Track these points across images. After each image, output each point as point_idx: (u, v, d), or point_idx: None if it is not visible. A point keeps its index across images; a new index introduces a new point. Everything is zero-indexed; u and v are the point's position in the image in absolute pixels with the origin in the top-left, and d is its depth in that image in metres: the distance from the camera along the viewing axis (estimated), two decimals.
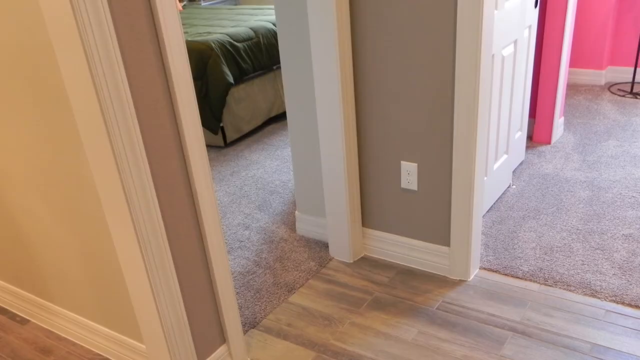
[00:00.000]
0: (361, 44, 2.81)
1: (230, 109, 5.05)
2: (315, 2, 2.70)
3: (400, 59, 2.73)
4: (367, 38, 2.78)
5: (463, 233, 2.90)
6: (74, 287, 2.63)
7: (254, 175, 4.53)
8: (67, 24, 1.68)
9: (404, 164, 2.95)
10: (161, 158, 2.00)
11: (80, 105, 1.82)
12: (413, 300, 2.91)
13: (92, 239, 2.32)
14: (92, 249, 2.36)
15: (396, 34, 2.69)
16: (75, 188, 2.21)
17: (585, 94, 5.74)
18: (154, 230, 2.02)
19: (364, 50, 2.82)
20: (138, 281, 2.10)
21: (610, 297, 2.80)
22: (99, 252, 2.34)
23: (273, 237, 3.60)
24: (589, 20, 5.78)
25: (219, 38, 5.02)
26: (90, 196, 2.18)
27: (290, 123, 3.29)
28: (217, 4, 8.62)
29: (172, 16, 1.90)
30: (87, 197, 2.20)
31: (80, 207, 2.26)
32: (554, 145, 4.55)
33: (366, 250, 3.33)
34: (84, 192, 2.19)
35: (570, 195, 3.77)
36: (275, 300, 3.01)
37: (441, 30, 2.57)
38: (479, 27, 2.45)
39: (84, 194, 2.20)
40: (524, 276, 3.00)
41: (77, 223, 2.34)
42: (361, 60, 2.85)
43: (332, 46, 2.75)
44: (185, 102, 2.01)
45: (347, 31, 2.77)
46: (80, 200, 2.24)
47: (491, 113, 3.32)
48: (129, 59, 1.82)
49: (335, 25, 2.69)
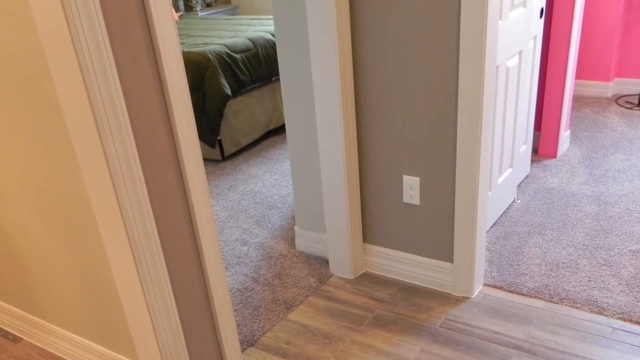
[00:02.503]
0: (362, 55, 2.83)
1: (228, 122, 5.06)
2: (315, 13, 2.72)
3: (403, 71, 2.75)
4: (368, 49, 2.80)
5: (466, 249, 2.91)
6: (67, 304, 2.63)
7: (252, 190, 4.54)
8: (60, 34, 1.69)
9: (406, 178, 2.96)
10: (157, 172, 2.01)
11: (73, 118, 1.83)
12: (415, 317, 2.92)
13: (87, 255, 2.33)
14: (86, 265, 2.37)
15: (398, 46, 2.71)
16: (69, 202, 2.22)
17: (592, 107, 5.76)
18: (150, 246, 2.03)
19: (364, 62, 2.83)
20: (133, 298, 2.11)
21: (617, 315, 2.80)
22: (94, 268, 2.35)
23: (272, 253, 3.61)
24: (596, 30, 5.81)
25: (217, 49, 5.04)
26: (84, 211, 2.19)
27: (290, 136, 3.30)
28: (214, 14, 8.66)
29: (168, 26, 1.92)
30: (81, 212, 2.20)
31: (74, 222, 2.27)
32: (559, 159, 4.56)
33: (367, 266, 3.33)
34: (78, 206, 2.19)
35: (576, 210, 3.77)
36: (274, 317, 3.01)
37: (444, 41, 2.59)
38: (482, 38, 2.47)
39: (78, 208, 2.20)
40: (529, 293, 3.00)
41: (71, 238, 2.34)
42: (362, 72, 2.86)
43: (332, 57, 2.76)
44: (181, 114, 2.02)
45: (347, 42, 2.78)
46: (74, 215, 2.24)
47: (495, 126, 3.33)
48: (124, 70, 1.84)
49: (335, 35, 2.71)
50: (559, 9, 4.14)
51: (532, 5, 3.51)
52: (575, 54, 4.36)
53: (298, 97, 3.16)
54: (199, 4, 8.65)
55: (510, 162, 3.74)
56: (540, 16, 3.73)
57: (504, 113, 3.43)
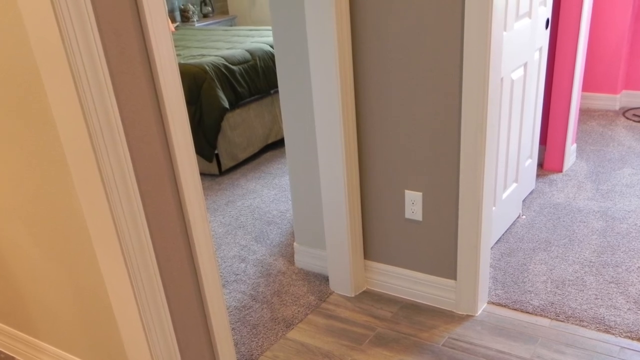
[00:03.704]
0: (363, 67, 2.84)
1: (226, 136, 5.07)
2: (314, 25, 2.73)
3: (405, 83, 2.76)
4: (370, 61, 2.81)
5: (470, 266, 2.91)
6: (61, 323, 2.63)
7: (251, 205, 4.55)
8: (53, 47, 1.70)
9: (408, 193, 2.96)
10: (153, 187, 2.02)
11: (67, 132, 1.84)
12: (418, 336, 2.92)
13: (81, 273, 2.33)
14: (80, 282, 2.37)
15: (400, 57, 2.72)
16: (62, 218, 2.22)
17: (599, 120, 5.77)
18: (145, 263, 2.03)
19: (365, 74, 2.84)
20: (128, 316, 2.11)
21: (625, 333, 2.80)
22: (87, 285, 2.35)
23: (270, 270, 3.61)
24: (603, 41, 5.82)
25: (214, 61, 5.06)
26: (78, 226, 2.19)
27: (289, 150, 3.31)
28: (211, 24, 8.67)
29: (164, 38, 1.93)
30: (75, 229, 2.21)
31: (69, 240, 2.27)
32: (565, 174, 4.57)
33: (368, 283, 3.34)
34: (72, 222, 2.20)
35: (583, 226, 3.78)
36: (272, 336, 3.01)
37: (447, 53, 2.60)
38: (487, 49, 2.48)
39: (72, 226, 2.21)
40: (534, 311, 3.00)
41: (65, 256, 2.34)
42: (363, 84, 2.87)
43: (332, 69, 2.77)
44: (178, 128, 2.03)
45: (348, 54, 2.79)
46: (68, 233, 2.24)
47: (500, 139, 3.34)
48: (119, 83, 1.84)
49: (336, 47, 2.72)
50: (565, 19, 4.16)
51: (537, 16, 3.53)
52: (582, 66, 4.37)
53: (297, 110, 3.17)
54: (195, 14, 8.68)
55: (515, 177, 3.75)
56: (546, 27, 3.75)
57: (509, 126, 3.44)
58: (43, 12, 1.67)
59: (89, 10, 1.70)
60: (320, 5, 2.67)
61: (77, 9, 1.67)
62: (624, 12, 5.62)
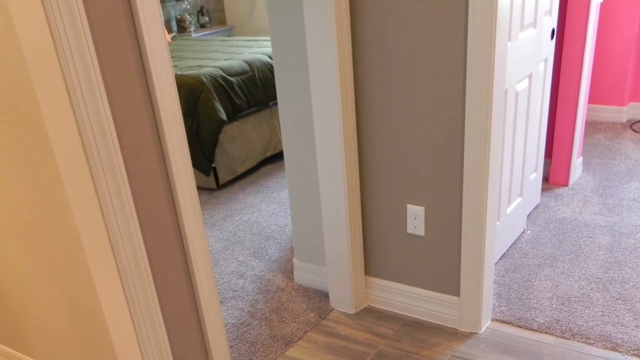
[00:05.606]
0: (364, 78, 2.85)
1: (223, 149, 5.09)
2: (314, 34, 2.75)
3: (406, 95, 2.77)
4: (371, 72, 2.82)
5: (474, 282, 2.91)
6: (55, 340, 2.63)
7: (249, 220, 4.55)
8: (47, 58, 1.71)
9: (410, 208, 2.97)
10: (149, 202, 2.02)
11: (61, 146, 1.84)
12: (420, 354, 2.91)
13: (75, 289, 2.33)
14: (74, 300, 2.37)
15: (402, 68, 2.73)
16: (57, 234, 2.22)
17: (605, 132, 5.78)
18: (141, 279, 2.03)
19: (367, 85, 2.85)
20: (123, 334, 2.11)
21: (632, 351, 2.80)
22: (82, 303, 2.35)
23: (269, 286, 3.61)
24: (610, 52, 5.84)
25: (211, 72, 5.07)
26: (72, 243, 2.19)
27: (288, 163, 3.32)
28: (208, 35, 8.70)
29: (160, 48, 1.93)
30: (69, 245, 2.21)
31: (63, 255, 2.27)
32: (571, 188, 4.57)
33: (369, 300, 3.34)
34: (67, 239, 2.20)
35: (589, 241, 3.78)
36: (271, 354, 3.01)
37: (450, 63, 2.61)
38: (490, 60, 2.49)
39: (66, 241, 2.21)
40: (539, 328, 3.00)
41: (59, 273, 2.34)
42: (364, 96, 2.88)
43: (333, 80, 2.78)
44: (174, 141, 2.04)
45: (349, 64, 2.80)
46: (62, 248, 2.25)
47: (504, 152, 3.35)
48: (114, 94, 1.85)
49: (336, 57, 2.73)
50: (571, 30, 4.18)
51: (542, 26, 3.54)
52: (588, 77, 4.39)
53: (297, 123, 3.17)
54: (192, 24, 8.70)
55: (519, 191, 3.75)
56: (552, 38, 3.76)
57: (513, 139, 3.45)
58: (36, 23, 1.68)
59: (83, 21, 1.71)
60: (320, 18, 2.68)
61: (71, 19, 1.68)
62: (631, 23, 5.64)
